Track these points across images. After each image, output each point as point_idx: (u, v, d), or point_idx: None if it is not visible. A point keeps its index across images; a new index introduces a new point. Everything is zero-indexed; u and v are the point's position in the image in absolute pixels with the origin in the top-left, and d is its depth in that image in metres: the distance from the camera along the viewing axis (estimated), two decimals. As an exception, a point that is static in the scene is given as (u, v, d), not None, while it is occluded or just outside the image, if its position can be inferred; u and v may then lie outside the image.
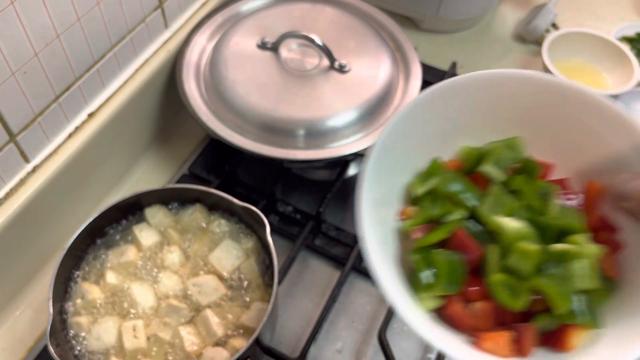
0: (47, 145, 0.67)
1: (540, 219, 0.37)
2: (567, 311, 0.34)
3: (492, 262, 0.36)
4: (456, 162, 0.41)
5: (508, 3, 1.10)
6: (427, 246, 0.37)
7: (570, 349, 0.35)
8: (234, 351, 0.58)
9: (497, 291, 0.35)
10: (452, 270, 0.36)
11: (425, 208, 0.39)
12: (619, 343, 0.34)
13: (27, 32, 0.57)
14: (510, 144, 0.40)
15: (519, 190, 0.38)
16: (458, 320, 0.36)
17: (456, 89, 0.40)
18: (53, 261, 0.71)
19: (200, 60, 0.81)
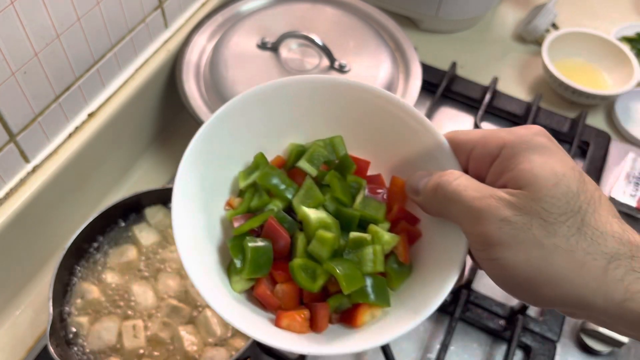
0: (47, 145, 0.67)
1: (345, 210, 0.42)
2: (355, 292, 0.39)
3: (299, 248, 0.41)
4: (280, 159, 0.46)
5: (508, 3, 1.10)
6: (243, 234, 0.41)
7: (360, 325, 0.40)
8: (234, 351, 0.58)
9: (297, 274, 0.39)
10: (260, 255, 0.40)
11: (247, 199, 0.43)
12: (400, 319, 0.38)
13: (27, 32, 0.57)
14: (331, 142, 0.45)
15: (330, 184, 0.43)
16: (265, 300, 0.40)
17: (280, 90, 0.44)
18: (53, 261, 0.71)
19: (200, 60, 0.81)
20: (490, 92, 0.90)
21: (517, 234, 0.33)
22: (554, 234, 0.33)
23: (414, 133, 0.42)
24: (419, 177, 0.40)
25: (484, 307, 0.70)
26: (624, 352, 0.68)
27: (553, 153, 0.34)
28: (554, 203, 0.33)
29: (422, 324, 0.70)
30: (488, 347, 0.69)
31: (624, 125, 0.89)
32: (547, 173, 0.33)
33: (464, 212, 0.35)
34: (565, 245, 0.32)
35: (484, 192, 0.34)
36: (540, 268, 0.33)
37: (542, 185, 0.33)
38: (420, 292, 0.40)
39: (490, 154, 0.36)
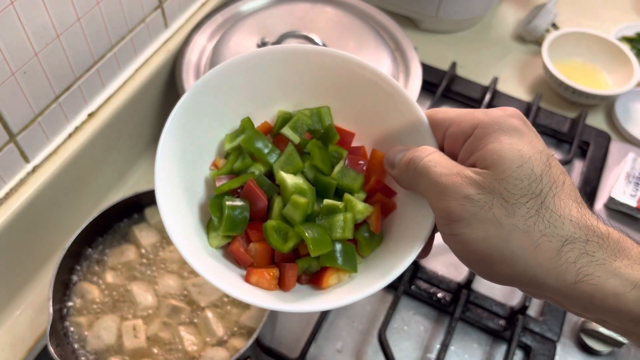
0: (47, 145, 0.67)
1: (322, 178, 0.44)
2: (323, 256, 0.41)
3: (275, 211, 0.43)
4: (267, 125, 0.47)
5: (508, 3, 1.10)
6: (224, 193, 0.43)
7: (326, 287, 0.42)
8: (234, 351, 0.58)
9: (270, 235, 0.41)
10: (237, 214, 0.42)
11: (231, 161, 0.45)
12: (361, 284, 0.40)
13: (27, 32, 0.57)
14: (317, 112, 0.46)
15: (310, 152, 0.45)
16: (238, 256, 0.43)
17: (269, 58, 0.45)
18: (53, 261, 0.71)
19: (200, 60, 0.81)
20: (490, 92, 0.90)
21: (478, 211, 0.34)
22: (512, 214, 0.34)
23: (398, 109, 0.44)
24: (395, 152, 0.41)
25: (484, 307, 0.70)
26: (624, 352, 0.68)
27: (523, 135, 0.36)
28: (516, 184, 0.34)
29: (422, 324, 0.70)
30: (488, 347, 0.69)
31: (624, 125, 0.89)
32: (513, 155, 0.34)
33: (430, 186, 0.37)
34: (523, 226, 0.34)
35: (451, 169, 0.36)
36: (497, 246, 0.34)
37: (506, 166, 0.34)
38: (386, 261, 0.41)
39: (464, 133, 0.37)
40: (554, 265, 0.33)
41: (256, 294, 0.40)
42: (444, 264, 0.74)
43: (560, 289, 0.34)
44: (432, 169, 0.37)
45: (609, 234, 0.34)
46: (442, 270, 0.73)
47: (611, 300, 0.33)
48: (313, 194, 0.43)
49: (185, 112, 0.43)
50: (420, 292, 0.71)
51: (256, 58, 0.45)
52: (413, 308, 0.71)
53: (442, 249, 0.71)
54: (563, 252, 0.33)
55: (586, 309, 0.34)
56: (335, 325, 0.70)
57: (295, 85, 0.46)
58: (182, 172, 0.43)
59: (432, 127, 0.41)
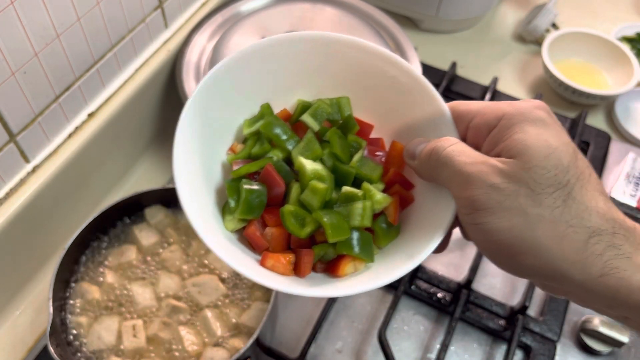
0: (47, 145, 0.67)
1: (341, 166, 0.44)
2: (340, 243, 0.41)
3: (292, 196, 0.43)
4: (286, 112, 0.47)
5: (508, 3, 1.10)
6: (241, 177, 0.43)
7: (342, 275, 0.41)
8: (234, 351, 0.58)
9: (287, 219, 0.41)
10: (254, 197, 0.42)
11: (249, 146, 0.45)
12: (378, 273, 0.40)
13: (27, 32, 0.57)
14: (337, 102, 0.46)
15: (330, 140, 0.44)
16: (254, 240, 0.42)
17: (290, 45, 0.45)
18: (53, 261, 0.71)
19: (200, 60, 0.81)
20: (490, 92, 0.90)
21: (504, 200, 0.34)
22: (539, 204, 0.33)
23: (419, 101, 0.43)
24: (416, 143, 0.41)
25: (484, 307, 0.70)
26: (624, 352, 0.68)
27: (549, 126, 0.35)
28: (543, 174, 0.33)
29: (422, 324, 0.70)
30: (488, 347, 0.69)
31: (624, 125, 0.89)
32: (540, 144, 0.34)
33: (454, 176, 0.36)
34: (549, 216, 0.33)
35: (475, 158, 0.35)
36: (522, 236, 0.33)
37: (533, 155, 0.34)
38: (403, 252, 0.41)
39: (488, 124, 0.37)
40: (580, 258, 0.33)
41: (272, 278, 0.39)
42: (444, 264, 0.74)
43: (585, 282, 0.33)
44: (456, 158, 0.36)
45: (635, 228, 0.34)
46: (442, 270, 0.73)
47: (637, 296, 0.32)
48: (332, 180, 0.43)
49: (205, 96, 0.42)
50: (420, 292, 0.71)
51: (279, 44, 0.44)
52: (413, 308, 0.71)
53: (442, 248, 0.68)
54: (590, 244, 0.33)
55: (610, 305, 0.33)
56: (335, 325, 0.70)
57: (315, 74, 0.46)
58: (200, 155, 0.42)
59: (455, 119, 0.40)
